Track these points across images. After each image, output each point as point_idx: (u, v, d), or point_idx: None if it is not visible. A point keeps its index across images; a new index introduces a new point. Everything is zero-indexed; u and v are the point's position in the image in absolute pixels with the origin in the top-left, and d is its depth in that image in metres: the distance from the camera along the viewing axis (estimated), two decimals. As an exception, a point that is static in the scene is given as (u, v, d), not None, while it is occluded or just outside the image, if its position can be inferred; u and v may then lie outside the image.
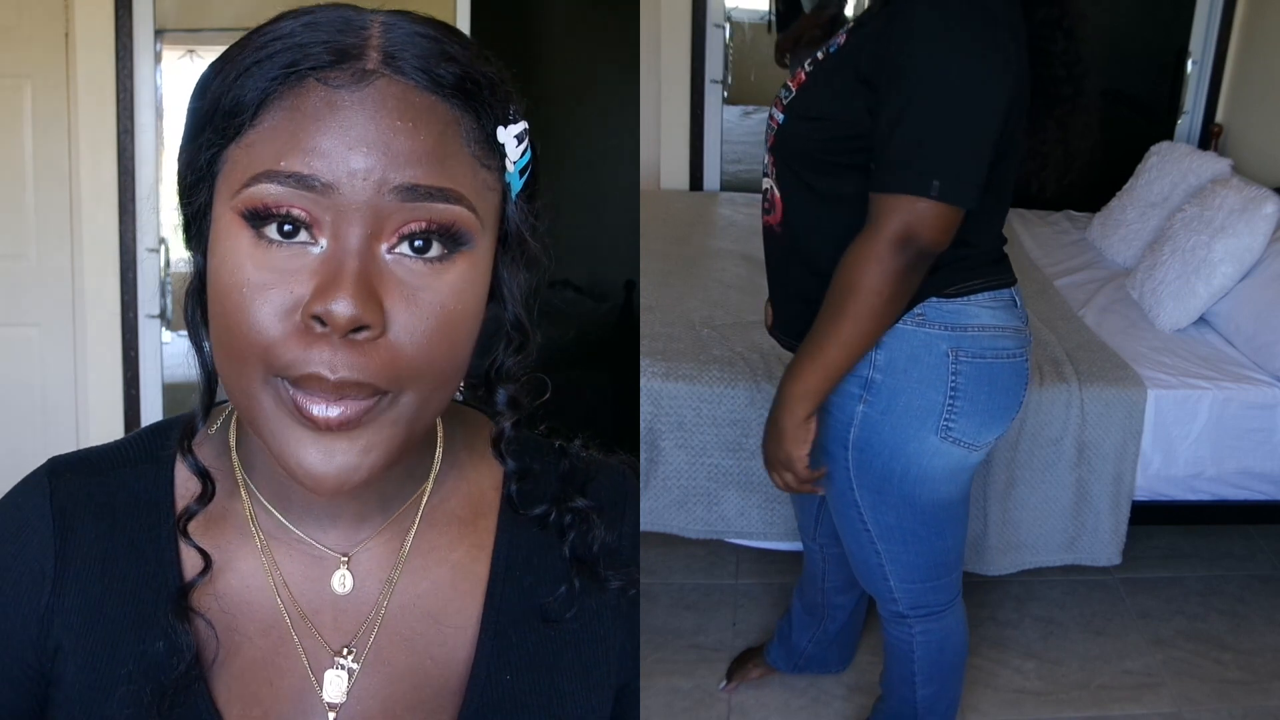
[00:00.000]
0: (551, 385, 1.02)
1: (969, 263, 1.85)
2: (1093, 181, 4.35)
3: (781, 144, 1.90)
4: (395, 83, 0.82)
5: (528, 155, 0.91)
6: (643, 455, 2.91)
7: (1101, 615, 3.11)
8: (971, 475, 2.04)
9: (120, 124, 3.71)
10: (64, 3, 3.70)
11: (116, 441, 1.03)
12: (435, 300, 0.83)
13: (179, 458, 0.97)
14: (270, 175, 0.80)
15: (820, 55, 1.88)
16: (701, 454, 2.86)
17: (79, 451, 1.02)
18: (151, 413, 3.88)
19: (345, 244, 0.80)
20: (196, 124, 0.86)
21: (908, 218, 1.69)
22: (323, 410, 0.81)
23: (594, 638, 1.05)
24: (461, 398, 1.06)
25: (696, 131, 4.92)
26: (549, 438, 1.08)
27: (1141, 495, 2.98)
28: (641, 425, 2.89)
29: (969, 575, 2.92)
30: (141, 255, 3.78)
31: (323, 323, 0.79)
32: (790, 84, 1.91)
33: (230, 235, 0.82)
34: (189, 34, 3.74)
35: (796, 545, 2.89)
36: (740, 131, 5.03)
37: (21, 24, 3.71)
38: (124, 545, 0.96)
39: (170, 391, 3.91)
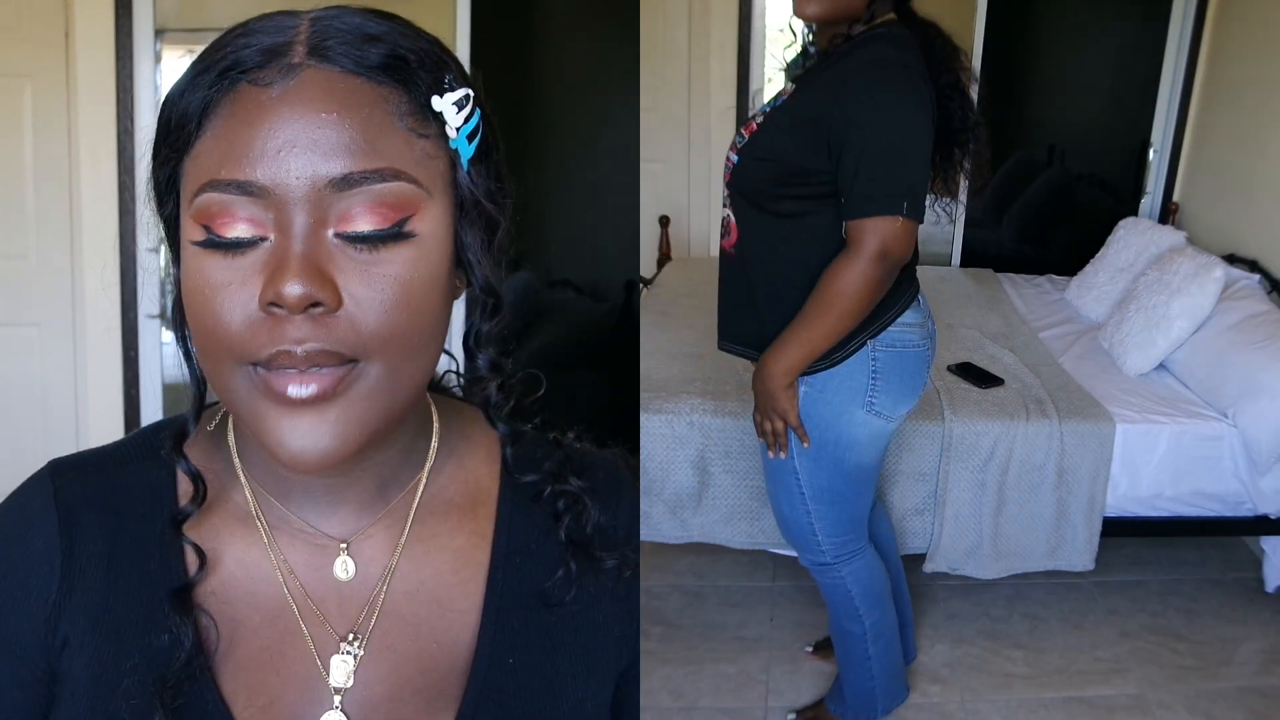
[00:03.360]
0: (552, 385, 0.96)
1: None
2: (1071, 250, 4.40)
3: (737, 179, 2.02)
4: (320, 72, 0.77)
5: (474, 121, 0.83)
6: (694, 479, 2.92)
7: (1078, 612, 3.12)
8: (887, 444, 2.23)
9: (120, 124, 3.44)
10: (64, 3, 3.43)
11: (117, 441, 0.96)
12: (390, 272, 0.77)
13: (173, 462, 0.91)
14: (214, 184, 0.76)
15: (769, 108, 2.01)
16: (745, 477, 2.91)
17: (80, 452, 0.95)
18: (151, 413, 3.62)
19: (290, 235, 0.75)
20: (156, 142, 0.82)
21: (884, 235, 1.86)
22: (296, 389, 0.76)
23: (593, 622, 0.97)
24: (461, 389, 1.03)
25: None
26: (543, 432, 1.01)
27: (1111, 512, 3.00)
28: (693, 454, 2.90)
29: (966, 579, 3.01)
30: (141, 255, 3.47)
31: (279, 306, 0.75)
32: (743, 131, 2.04)
33: (192, 242, 0.78)
34: (189, 34, 3.51)
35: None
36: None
37: (21, 24, 3.43)
38: (128, 541, 0.89)
39: (170, 391, 3.63)
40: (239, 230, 0.76)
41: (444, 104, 0.81)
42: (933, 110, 1.90)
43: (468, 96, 0.82)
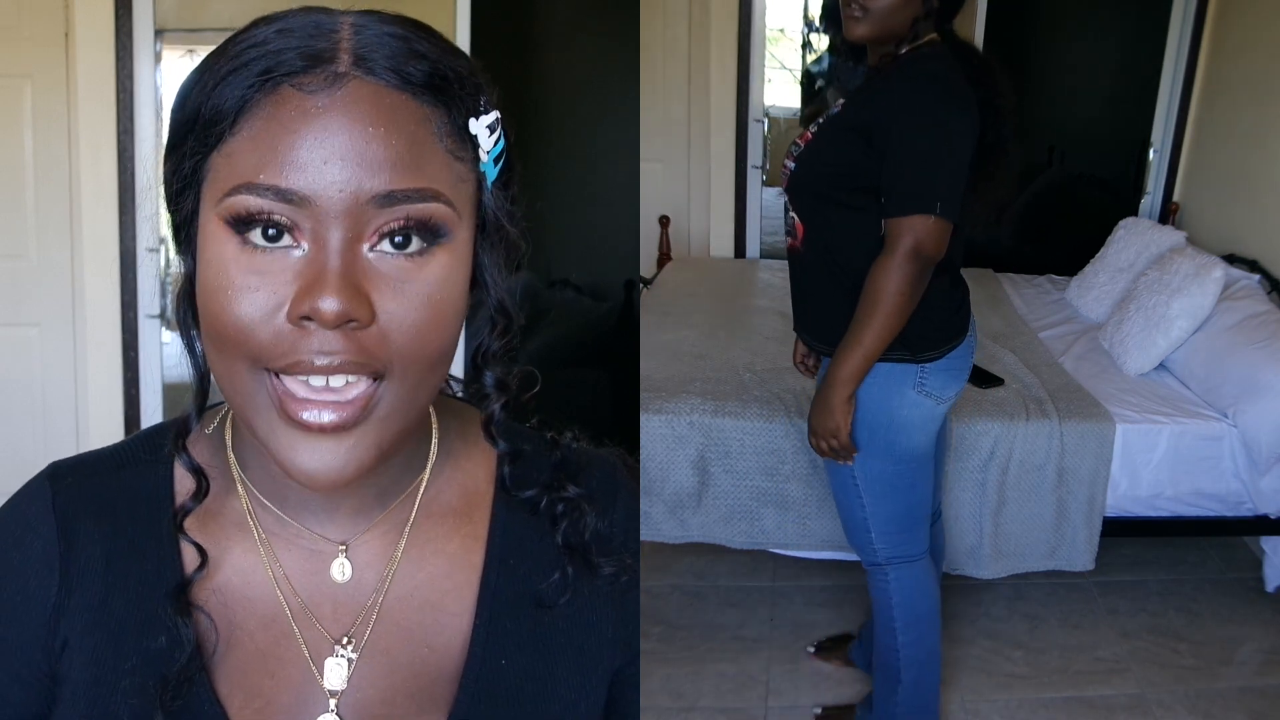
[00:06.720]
0: (553, 385, 0.96)
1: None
2: (1070, 250, 4.39)
3: (796, 183, 2.14)
4: (366, 84, 0.75)
5: (501, 144, 0.83)
6: (694, 479, 2.92)
7: (1078, 612, 3.13)
8: (938, 428, 2.25)
9: (120, 124, 3.42)
10: (64, 3, 3.42)
11: (115, 445, 0.96)
12: (421, 291, 0.77)
13: (175, 456, 0.90)
14: (250, 187, 0.74)
15: (822, 120, 2.16)
16: (745, 478, 2.92)
17: (78, 455, 0.94)
18: (151, 413, 3.59)
19: (326, 247, 0.74)
20: (178, 133, 0.80)
21: (917, 233, 1.94)
22: (314, 416, 0.76)
23: (586, 623, 0.97)
24: (458, 392, 1.01)
25: (740, 209, 4.86)
26: (540, 430, 1.01)
27: (1111, 512, 3.01)
28: (693, 454, 2.90)
29: (966, 579, 3.00)
30: (141, 255, 3.49)
31: (311, 320, 0.74)
32: (799, 141, 2.17)
33: (216, 240, 0.76)
34: (189, 34, 3.47)
35: (826, 554, 2.95)
36: (776, 209, 4.69)
37: (21, 24, 3.41)
38: (126, 544, 0.89)
39: (170, 391, 3.60)
40: (271, 234, 0.75)
41: (479, 127, 0.81)
42: (976, 121, 1.98)
43: (498, 120, 0.82)
